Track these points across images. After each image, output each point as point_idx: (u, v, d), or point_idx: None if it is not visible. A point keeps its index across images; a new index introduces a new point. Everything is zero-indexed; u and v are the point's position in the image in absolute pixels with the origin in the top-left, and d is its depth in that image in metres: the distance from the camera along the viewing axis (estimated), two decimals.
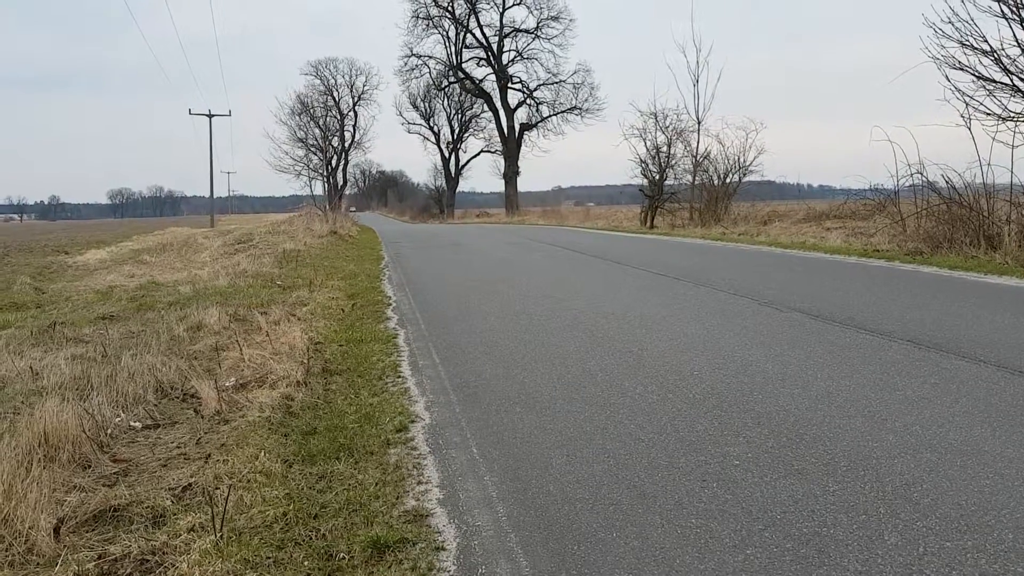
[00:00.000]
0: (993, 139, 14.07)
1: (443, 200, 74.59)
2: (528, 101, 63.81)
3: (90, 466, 4.47)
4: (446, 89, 69.10)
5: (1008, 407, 4.83)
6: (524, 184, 73.15)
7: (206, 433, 5.04)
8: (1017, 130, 13.74)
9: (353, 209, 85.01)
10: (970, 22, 14.01)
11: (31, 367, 6.81)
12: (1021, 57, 13.48)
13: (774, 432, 4.57)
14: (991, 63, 13.87)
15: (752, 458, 4.18)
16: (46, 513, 3.61)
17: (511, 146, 62.85)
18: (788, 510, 3.52)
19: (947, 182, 15.11)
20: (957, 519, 3.34)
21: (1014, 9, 13.39)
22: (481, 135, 71.96)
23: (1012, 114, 13.80)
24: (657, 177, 31.91)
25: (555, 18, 60.92)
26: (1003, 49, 13.70)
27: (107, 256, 25.76)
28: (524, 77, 64.02)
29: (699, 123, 30.17)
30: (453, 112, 73.16)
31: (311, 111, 78.85)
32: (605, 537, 3.36)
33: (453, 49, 63.55)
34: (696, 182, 30.25)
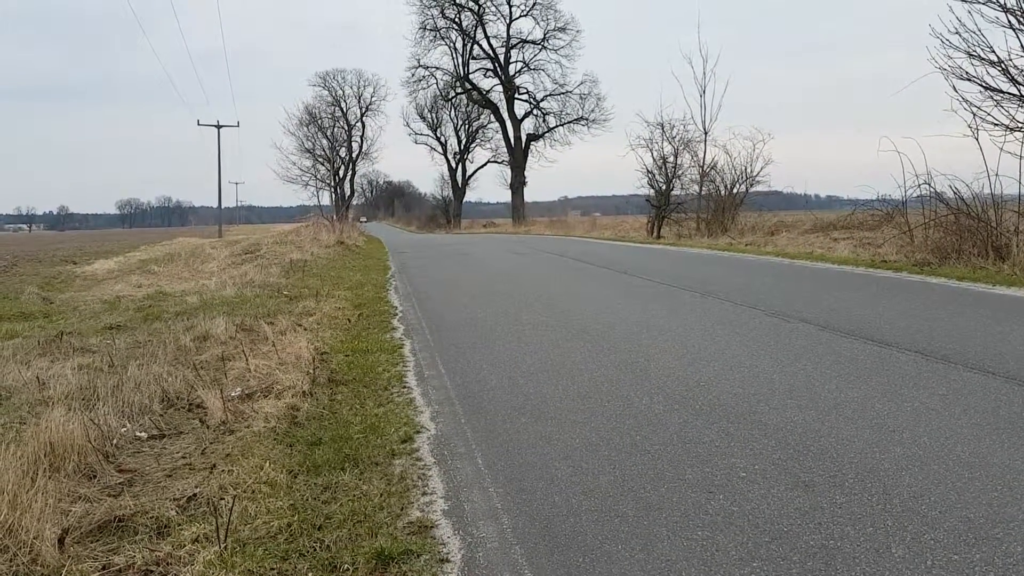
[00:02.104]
0: (1001, 149, 14.06)
1: (450, 210, 74.75)
2: (535, 112, 64.00)
3: (95, 476, 4.47)
4: (453, 100, 69.38)
5: (1016, 419, 4.80)
6: (531, 194, 73.47)
7: (211, 443, 5.04)
8: None
9: (363, 219, 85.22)
10: (977, 33, 14.00)
11: (38, 377, 6.83)
12: None
13: (781, 444, 4.55)
14: (998, 73, 13.87)
15: (759, 470, 4.16)
16: (51, 523, 3.61)
17: (518, 156, 62.95)
18: (795, 522, 3.50)
19: (955, 193, 15.08)
20: (965, 532, 3.32)
21: (1021, 20, 13.38)
22: (488, 146, 72.23)
23: (1020, 124, 13.78)
24: (664, 187, 31.92)
25: (561, 29, 61.14)
26: (1010, 59, 13.71)
27: (115, 266, 25.84)
28: (531, 88, 64.25)
29: (706, 133, 30.25)
30: (460, 123, 73.46)
31: (319, 122, 79.38)
32: (611, 549, 3.34)
33: (460, 60, 63.81)
34: (703, 192, 30.28)
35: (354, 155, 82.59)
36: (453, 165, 74.52)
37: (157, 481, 4.43)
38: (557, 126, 63.10)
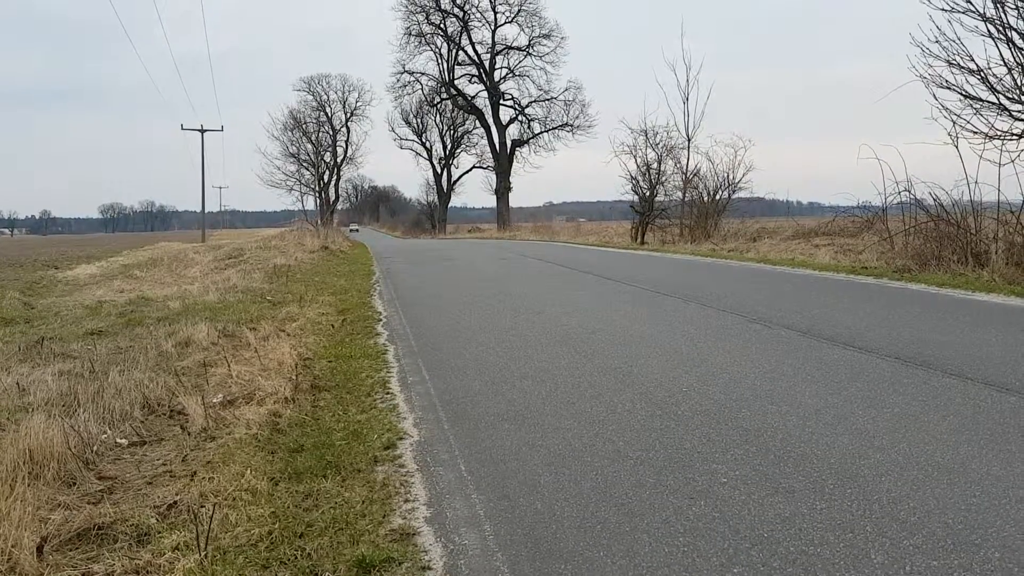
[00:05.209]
0: (980, 157, 14.17)
1: (435, 215, 74.80)
2: (520, 118, 64.26)
3: (75, 483, 4.44)
4: (438, 105, 69.43)
5: (995, 425, 4.85)
6: (516, 200, 73.53)
7: (192, 450, 5.01)
8: (1004, 148, 13.84)
9: (356, 228, 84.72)
10: (957, 41, 14.13)
11: (18, 383, 6.77)
12: (1007, 76, 13.60)
13: (762, 449, 4.57)
14: (978, 82, 13.98)
15: (740, 476, 4.18)
16: (29, 531, 3.58)
17: (503, 162, 63.08)
18: (775, 528, 3.51)
19: (935, 200, 15.22)
20: (944, 537, 3.35)
21: (1000, 28, 13.52)
22: (473, 151, 72.43)
23: (999, 132, 13.90)
24: (647, 194, 32.05)
25: (546, 36, 61.46)
26: (989, 68, 13.82)
27: (97, 271, 25.66)
28: (516, 94, 64.54)
29: (689, 140, 30.40)
30: (445, 128, 73.54)
31: (303, 126, 79.10)
32: (592, 556, 3.35)
33: (445, 66, 63.96)
34: (686, 199, 30.41)
35: (339, 160, 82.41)
36: (438, 170, 74.60)
37: (137, 488, 4.40)
38: (542, 132, 63.41)
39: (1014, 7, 13.35)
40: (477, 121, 67.13)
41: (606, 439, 4.92)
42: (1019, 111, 13.61)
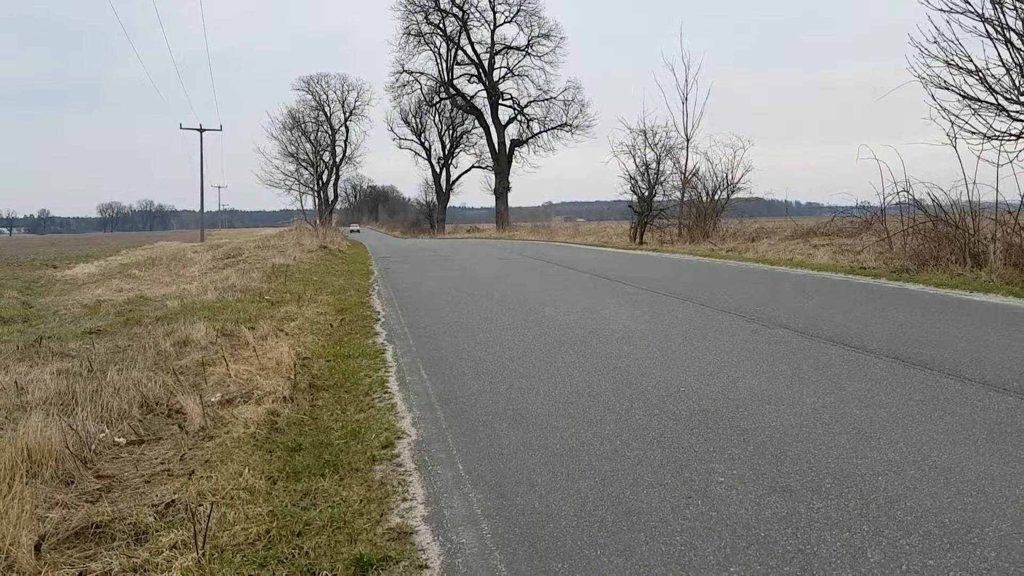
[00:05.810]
0: (978, 158, 14.18)
1: (434, 215, 74.82)
2: (519, 117, 64.26)
3: (73, 482, 4.44)
4: (437, 105, 69.45)
5: (992, 425, 4.85)
6: (514, 200, 73.58)
7: (190, 449, 5.01)
8: (1002, 149, 13.85)
9: (356, 228, 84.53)
10: (955, 42, 14.15)
11: (16, 382, 6.77)
12: (1006, 77, 13.60)
13: (759, 449, 4.58)
14: (976, 82, 13.98)
15: (737, 475, 4.18)
16: (27, 530, 3.58)
17: (502, 162, 63.09)
18: (772, 528, 3.52)
19: (933, 200, 15.24)
20: (940, 537, 3.35)
21: (998, 29, 13.53)
22: (472, 151, 72.46)
23: (997, 133, 13.91)
24: (646, 194, 32.07)
25: (545, 36, 61.47)
26: (988, 69, 13.82)
27: (96, 270, 25.65)
28: (515, 94, 64.55)
29: (687, 140, 30.41)
30: (444, 128, 73.53)
31: (302, 126, 79.13)
32: (590, 555, 3.35)
33: (444, 66, 63.98)
34: (685, 199, 30.42)
35: (338, 159, 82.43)
36: (437, 170, 74.61)
37: (135, 487, 4.41)
38: (541, 132, 63.42)
39: (1012, 7, 13.36)
40: (476, 121, 67.18)
41: (603, 438, 4.92)
42: (1017, 111, 13.62)
